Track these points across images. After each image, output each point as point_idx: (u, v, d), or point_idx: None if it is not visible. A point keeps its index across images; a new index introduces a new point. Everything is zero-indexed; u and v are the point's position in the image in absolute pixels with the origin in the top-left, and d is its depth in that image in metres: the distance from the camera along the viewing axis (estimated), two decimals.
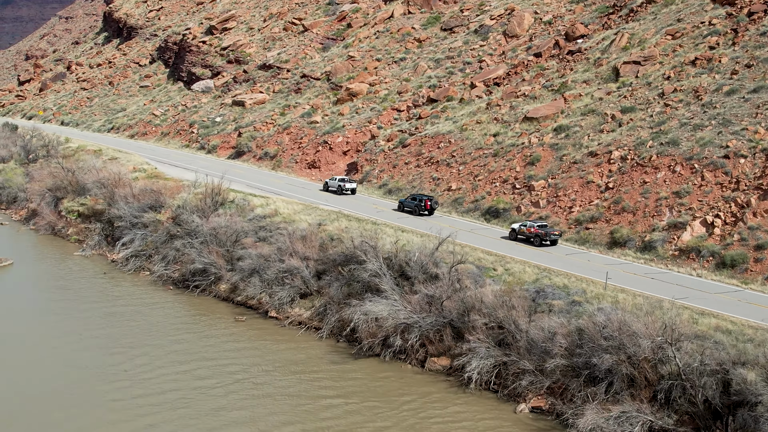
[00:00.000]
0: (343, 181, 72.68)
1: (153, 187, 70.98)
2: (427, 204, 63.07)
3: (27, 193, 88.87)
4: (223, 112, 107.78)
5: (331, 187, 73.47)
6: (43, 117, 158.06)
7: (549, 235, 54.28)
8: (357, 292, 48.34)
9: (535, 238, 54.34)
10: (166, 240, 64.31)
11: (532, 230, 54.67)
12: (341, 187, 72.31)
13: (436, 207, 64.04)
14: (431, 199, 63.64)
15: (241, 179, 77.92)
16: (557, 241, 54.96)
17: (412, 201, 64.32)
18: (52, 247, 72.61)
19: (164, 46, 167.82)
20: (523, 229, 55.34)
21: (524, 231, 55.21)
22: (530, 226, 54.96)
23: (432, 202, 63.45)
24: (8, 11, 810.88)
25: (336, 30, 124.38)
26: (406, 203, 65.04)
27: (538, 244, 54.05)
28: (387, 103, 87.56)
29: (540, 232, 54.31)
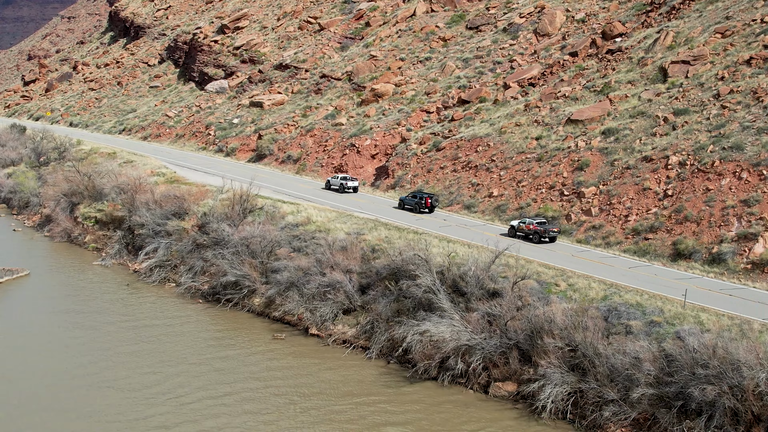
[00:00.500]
0: (345, 179, 72.38)
1: (176, 193, 67.45)
2: (428, 201, 63.14)
3: (40, 197, 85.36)
4: (240, 114, 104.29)
5: (333, 185, 73.25)
6: (51, 118, 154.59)
7: (548, 232, 54.32)
8: (408, 309, 44.86)
9: (534, 235, 54.54)
10: (192, 249, 60.82)
11: (531, 227, 54.85)
12: (343, 185, 72.21)
13: (436, 204, 64.25)
14: (431, 197, 63.72)
15: (265, 184, 74.38)
16: (556, 239, 54.87)
17: (413, 199, 64.32)
18: (69, 255, 69.08)
19: (174, 46, 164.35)
20: (522, 226, 55.50)
21: (523, 228, 55.39)
22: (529, 223, 55.12)
23: (432, 200, 63.57)
24: (9, 11, 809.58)
25: (354, 29, 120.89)
26: (406, 201, 64.95)
27: (537, 241, 54.22)
28: (415, 105, 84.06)
29: (539, 229, 54.47)
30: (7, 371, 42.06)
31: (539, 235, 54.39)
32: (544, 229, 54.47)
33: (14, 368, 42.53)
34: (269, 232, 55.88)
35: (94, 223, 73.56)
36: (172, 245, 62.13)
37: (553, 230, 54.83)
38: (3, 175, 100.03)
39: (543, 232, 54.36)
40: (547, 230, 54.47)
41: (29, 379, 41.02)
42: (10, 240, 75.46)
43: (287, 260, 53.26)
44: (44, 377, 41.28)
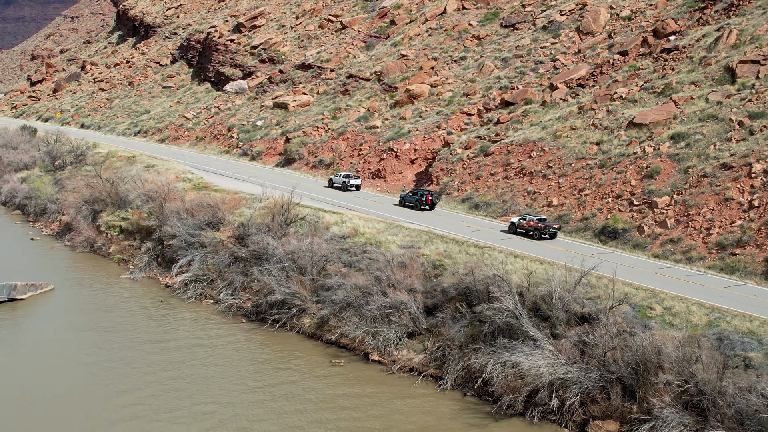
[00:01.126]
0: (348, 177, 72.85)
1: (209, 201, 63.02)
2: (428, 199, 63.52)
3: (59, 204, 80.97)
4: (263, 115, 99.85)
5: (335, 184, 73.46)
6: (61, 119, 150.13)
7: (548, 228, 54.39)
8: (485, 335, 40.45)
9: (534, 232, 54.63)
10: (230, 263, 56.38)
11: (532, 224, 54.85)
12: (346, 183, 72.57)
13: (437, 202, 64.52)
14: (432, 194, 64.13)
15: (298, 190, 69.99)
16: (556, 235, 54.86)
17: (413, 196, 64.70)
18: (93, 267, 64.63)
19: (186, 45, 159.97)
20: (523, 222, 55.49)
21: (524, 224, 55.37)
22: (529, 220, 55.17)
23: (433, 197, 63.94)
24: (10, 11, 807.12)
25: (378, 27, 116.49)
26: (407, 198, 65.24)
27: (538, 238, 54.21)
28: (454, 106, 79.61)
29: (539, 225, 54.52)
30: (36, 400, 37.73)
31: (540, 231, 54.30)
32: (544, 225, 54.38)
33: (43, 397, 38.20)
34: (318, 245, 51.38)
35: (119, 232, 69.17)
36: (208, 258, 57.72)
37: (554, 227, 54.62)
38: (17, 180, 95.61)
39: (543, 228, 54.25)
40: (547, 227, 54.35)
41: (64, 410, 36.65)
42: (28, 250, 71.07)
43: (339, 277, 48.85)
44: (78, 407, 36.95)
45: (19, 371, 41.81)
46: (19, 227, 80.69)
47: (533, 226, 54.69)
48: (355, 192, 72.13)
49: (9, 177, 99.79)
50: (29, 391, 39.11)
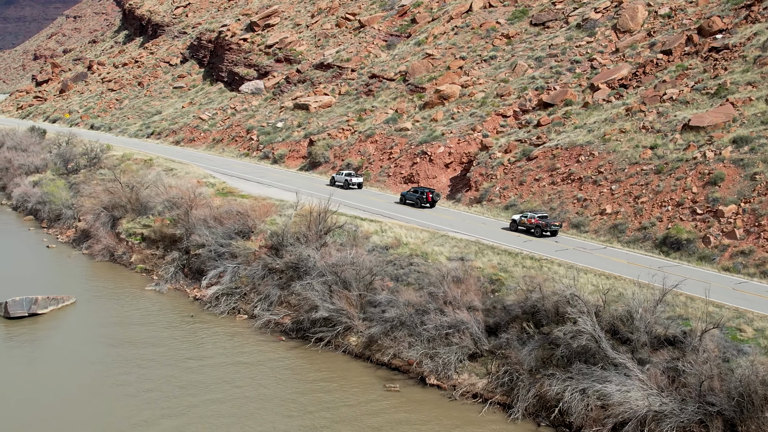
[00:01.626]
0: (350, 175, 73.39)
1: (238, 208, 59.54)
2: (429, 196, 63.99)
3: (74, 210, 77.50)
4: (284, 117, 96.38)
5: (338, 182, 73.84)
6: (69, 120, 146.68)
7: (549, 225, 54.37)
8: (558, 359, 36.99)
9: (535, 229, 54.62)
10: (264, 275, 52.91)
11: (533, 221, 54.85)
12: (348, 182, 72.88)
13: (437, 199, 65.07)
14: (432, 192, 64.62)
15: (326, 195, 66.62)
16: (557, 232, 54.94)
17: (414, 193, 65.05)
18: (115, 278, 61.16)
19: (197, 45, 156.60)
20: (524, 220, 55.48)
21: (525, 222, 55.38)
22: (531, 217, 55.15)
23: (433, 195, 64.42)
24: (11, 11, 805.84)
25: (399, 26, 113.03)
26: (408, 195, 65.58)
27: (539, 235, 54.30)
28: (488, 108, 76.13)
29: (540, 223, 54.46)
30: (65, 428, 34.37)
31: (541, 228, 54.38)
32: (545, 222, 54.44)
33: (73, 423, 34.73)
34: (363, 258, 47.87)
35: (141, 240, 65.69)
36: (240, 270, 54.22)
37: (555, 224, 54.73)
38: (28, 184, 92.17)
39: (545, 225, 54.31)
40: (548, 224, 54.44)
41: None
42: (44, 258, 67.63)
43: (387, 292, 45.42)
44: None
45: (43, 394, 38.42)
46: (33, 234, 77.24)
47: (534, 224, 54.63)
48: (357, 190, 72.22)
49: (20, 180, 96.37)
50: (58, 417, 35.71)
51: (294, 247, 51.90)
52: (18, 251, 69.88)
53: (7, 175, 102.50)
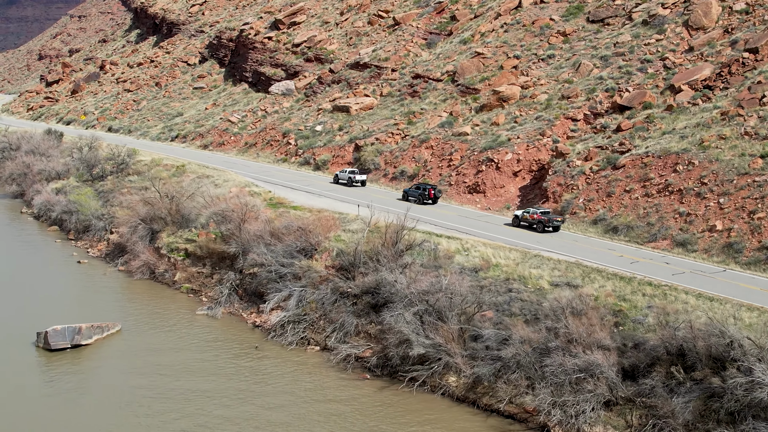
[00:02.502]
0: (353, 173, 73.62)
1: (298, 223, 53.55)
2: (431, 193, 64.82)
3: (105, 221, 71.50)
4: (322, 120, 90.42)
5: (341, 180, 74.23)
6: (85, 122, 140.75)
7: (551, 221, 54.87)
8: (723, 412, 30.99)
9: (537, 225, 55.10)
10: (335, 300, 46.90)
11: (535, 217, 55.34)
12: (351, 179, 72.98)
13: (439, 196, 65.75)
14: (434, 188, 65.44)
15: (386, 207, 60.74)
16: (559, 228, 55.25)
17: (416, 190, 66.00)
18: (159, 299, 55.16)
19: (217, 44, 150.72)
20: (527, 216, 56.06)
21: (527, 218, 55.95)
22: (533, 213, 55.70)
23: (435, 191, 65.24)
24: (13, 11, 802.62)
25: (438, 24, 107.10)
26: (410, 192, 66.32)
27: (541, 231, 54.69)
28: (556, 111, 70.15)
29: (543, 218, 54.90)
30: None
31: (543, 224, 54.84)
32: (548, 218, 54.88)
33: None
34: (458, 283, 41.81)
35: (184, 256, 59.71)
36: (307, 294, 48.20)
37: (557, 220, 55.22)
38: (50, 191, 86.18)
39: (547, 221, 54.74)
40: (551, 220, 54.88)
41: None
42: (77, 275, 61.64)
43: (491, 324, 39.43)
44: None
45: None
46: (60, 247, 71.24)
47: (536, 219, 55.20)
48: (361, 188, 72.17)
49: (40, 187, 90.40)
50: None
51: (370, 269, 45.94)
52: (47, 267, 63.91)
53: (25, 181, 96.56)
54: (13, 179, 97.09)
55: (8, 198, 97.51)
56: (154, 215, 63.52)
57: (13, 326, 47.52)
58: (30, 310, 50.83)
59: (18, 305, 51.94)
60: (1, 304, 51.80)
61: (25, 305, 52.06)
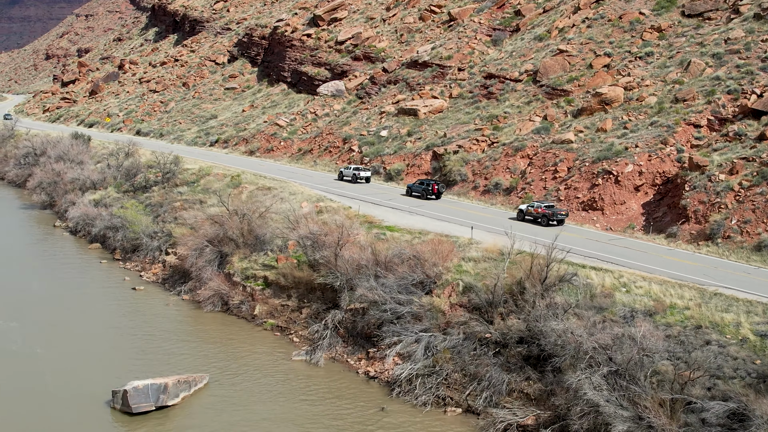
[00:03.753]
0: (358, 169, 73.74)
1: (412, 251, 44.98)
2: (435, 188, 64.97)
3: (159, 239, 63.00)
4: (387, 124, 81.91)
5: (345, 176, 74.48)
6: (110, 125, 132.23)
7: (556, 214, 54.67)
8: None
9: (542, 218, 54.90)
10: (473, 349, 38.39)
11: (540, 210, 55.18)
12: (356, 176, 73.21)
13: (443, 191, 66.08)
14: (438, 184, 65.77)
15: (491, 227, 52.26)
16: (564, 221, 55.12)
17: (420, 186, 66.23)
18: (243, 339, 46.58)
19: (248, 41, 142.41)
20: (531, 209, 55.83)
21: (532, 211, 55.68)
22: (537, 207, 55.56)
23: (439, 186, 65.47)
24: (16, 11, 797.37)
25: (501, 19, 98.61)
26: (414, 188, 66.59)
27: (545, 224, 54.49)
28: (675, 116, 61.58)
29: (547, 212, 54.76)
30: None
31: (547, 218, 54.69)
32: (552, 212, 54.74)
33: None
34: (650, 335, 33.21)
35: (264, 285, 51.19)
36: (436, 340, 39.65)
37: (561, 213, 55.07)
38: (88, 203, 77.75)
39: (551, 215, 54.58)
40: (555, 213, 54.71)
41: None
42: (136, 306, 53.03)
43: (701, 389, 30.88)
44: None
45: None
46: (107, 269, 62.78)
47: (541, 213, 55.01)
48: (365, 184, 72.29)
49: (75, 198, 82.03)
50: None
51: (509, 308, 37.45)
52: (99, 295, 55.33)
53: (56, 190, 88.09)
54: (42, 188, 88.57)
55: (37, 209, 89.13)
56: (224, 236, 55.01)
57: (78, 379, 39.08)
58: (93, 355, 42.44)
59: (78, 347, 43.49)
60: (58, 346, 43.32)
61: (87, 347, 43.62)
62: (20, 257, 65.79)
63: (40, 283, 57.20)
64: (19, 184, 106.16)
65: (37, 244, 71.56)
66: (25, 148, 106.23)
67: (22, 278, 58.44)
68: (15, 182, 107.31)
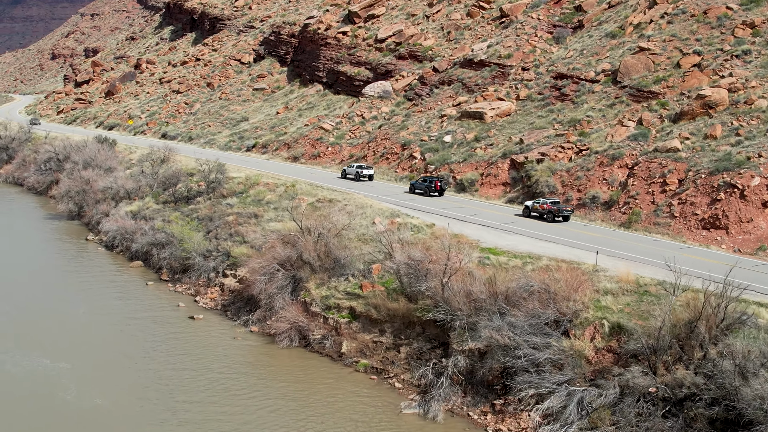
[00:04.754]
0: (361, 167, 73.36)
1: (540, 283, 38.06)
2: (437, 185, 64.64)
3: (214, 260, 56.13)
4: (450, 128, 75.07)
5: (348, 175, 74.20)
6: (132, 127, 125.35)
7: (561, 211, 54.36)
8: None
9: (548, 215, 54.51)
10: (638, 408, 31.50)
11: (545, 207, 54.79)
12: (359, 174, 72.89)
13: (446, 188, 65.72)
14: (441, 180, 65.37)
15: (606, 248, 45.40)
16: (569, 217, 54.70)
17: (423, 183, 65.75)
18: (335, 385, 39.59)
19: (275, 40, 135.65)
20: (537, 206, 55.51)
21: (537, 208, 55.38)
22: (543, 203, 55.13)
23: (442, 183, 65.11)
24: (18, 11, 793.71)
25: (561, 15, 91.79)
26: (417, 185, 66.25)
27: (551, 220, 54.17)
28: None
29: (552, 208, 54.46)
30: None
31: (553, 214, 54.44)
32: (557, 208, 54.52)
33: None
34: None
35: (350, 317, 44.30)
36: (591, 396, 32.75)
37: (567, 209, 54.73)
38: (124, 215, 70.94)
39: (557, 211, 54.37)
40: (560, 209, 54.47)
41: None
42: (197, 339, 46.05)
43: None
44: None
45: None
46: (155, 291, 55.92)
47: (547, 209, 54.73)
48: (368, 182, 71.84)
49: (108, 208, 75.32)
50: None
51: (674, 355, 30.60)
52: (153, 324, 48.35)
53: (85, 199, 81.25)
54: (70, 197, 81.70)
55: (63, 219, 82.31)
56: (297, 258, 48.14)
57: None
58: (162, 406, 35.53)
59: (141, 395, 36.57)
60: (118, 395, 36.42)
61: (151, 396, 36.70)
62: (57, 276, 59.05)
63: (84, 309, 50.37)
64: (40, 191, 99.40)
65: (72, 261, 64.78)
66: (47, 153, 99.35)
67: (64, 303, 51.60)
68: (36, 189, 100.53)
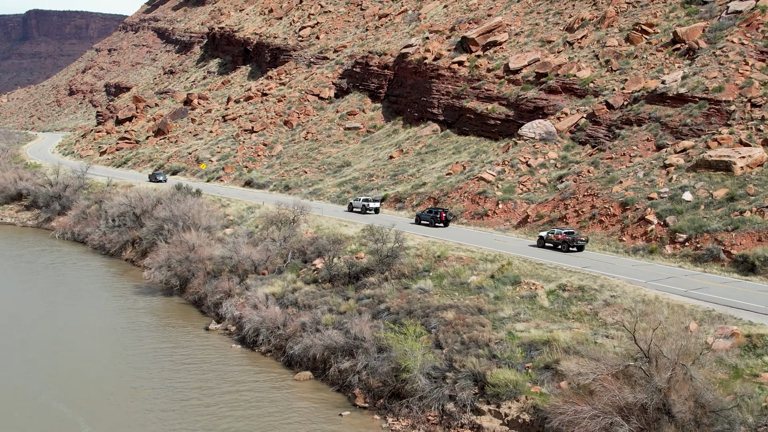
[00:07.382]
0: (367, 200, 73.84)
1: None
2: (442, 216, 64.92)
3: (448, 385, 37.66)
4: (684, 183, 57.08)
5: (355, 208, 74.56)
6: (206, 173, 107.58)
7: (576, 241, 54.10)
8: None
9: (562, 245, 54.15)
10: None
11: (560, 237, 54.59)
12: (365, 207, 73.27)
13: (450, 219, 66.14)
14: (446, 212, 65.73)
15: None
16: (584, 247, 54.28)
17: (429, 213, 66.09)
18: None
19: (362, 72, 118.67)
20: (551, 236, 55.22)
21: (552, 238, 55.13)
22: (557, 234, 54.97)
23: (447, 214, 65.49)
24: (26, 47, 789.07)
25: (764, 39, 74.73)
26: (423, 216, 66.47)
27: (566, 250, 53.76)
28: None
29: (567, 238, 54.15)
30: None
31: (567, 244, 53.93)
32: (572, 238, 54.06)
33: None
34: None
35: None
36: None
37: (581, 239, 54.29)
38: (263, 299, 52.70)
39: (571, 241, 53.96)
40: (575, 239, 54.05)
41: None
42: None
43: None
44: None
45: None
46: (357, 429, 37.25)
47: (561, 239, 54.19)
48: (374, 215, 71.30)
49: (230, 285, 57.11)
50: None
51: None
52: None
53: (189, 269, 63.09)
54: (169, 267, 63.54)
55: (158, 293, 64.20)
56: (641, 404, 29.75)
57: None
58: None
59: None
60: None
61: None
62: (194, 393, 40.46)
63: None
64: (112, 252, 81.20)
65: (203, 366, 46.06)
66: (121, 207, 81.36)
67: None
68: (105, 250, 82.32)
